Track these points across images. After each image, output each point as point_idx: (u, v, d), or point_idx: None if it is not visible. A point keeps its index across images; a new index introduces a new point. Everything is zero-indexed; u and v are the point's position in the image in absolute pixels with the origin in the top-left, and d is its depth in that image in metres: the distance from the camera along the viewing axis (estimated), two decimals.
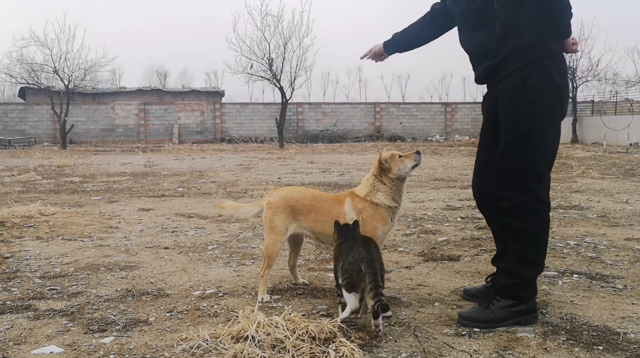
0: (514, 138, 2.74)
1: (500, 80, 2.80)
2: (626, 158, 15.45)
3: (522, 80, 2.69)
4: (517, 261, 2.79)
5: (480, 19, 2.83)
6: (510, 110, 2.77)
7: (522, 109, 2.71)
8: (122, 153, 22.30)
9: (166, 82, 67.39)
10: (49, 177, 11.40)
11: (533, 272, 2.81)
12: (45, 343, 2.61)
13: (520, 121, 2.72)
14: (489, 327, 2.71)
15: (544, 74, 2.69)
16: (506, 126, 2.80)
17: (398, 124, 35.90)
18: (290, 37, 25.13)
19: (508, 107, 2.78)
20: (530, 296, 2.80)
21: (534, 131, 2.71)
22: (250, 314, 2.64)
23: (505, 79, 2.76)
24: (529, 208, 2.75)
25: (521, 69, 2.69)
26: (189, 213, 6.55)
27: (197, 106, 34.34)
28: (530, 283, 2.81)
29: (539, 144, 2.72)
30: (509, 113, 2.78)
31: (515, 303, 2.76)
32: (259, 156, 19.17)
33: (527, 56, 2.68)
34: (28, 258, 4.31)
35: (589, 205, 6.83)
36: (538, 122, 2.71)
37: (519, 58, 2.70)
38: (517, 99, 2.71)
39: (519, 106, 2.72)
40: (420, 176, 11.02)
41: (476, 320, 2.75)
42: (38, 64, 25.91)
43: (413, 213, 6.36)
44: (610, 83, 28.86)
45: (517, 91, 2.71)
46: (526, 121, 2.71)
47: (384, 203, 3.11)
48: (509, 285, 2.79)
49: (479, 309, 2.82)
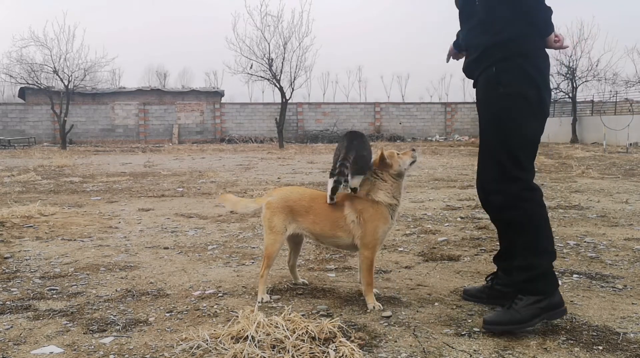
0: (490, 131, 2.82)
1: (478, 75, 2.90)
2: (626, 158, 15.45)
3: (496, 75, 2.75)
4: (528, 252, 2.75)
5: (465, 16, 2.97)
6: (485, 104, 2.87)
7: (495, 102, 2.78)
8: (121, 153, 22.30)
9: (166, 82, 67.45)
10: (48, 177, 11.40)
11: (547, 260, 2.77)
12: (45, 344, 2.61)
13: (494, 114, 2.79)
14: (519, 328, 2.64)
15: (518, 70, 2.73)
16: (482, 120, 2.90)
17: (398, 124, 35.91)
18: (290, 37, 25.15)
19: (483, 101, 2.90)
20: (552, 289, 2.73)
21: (509, 122, 2.74)
22: (250, 314, 2.64)
23: (482, 75, 2.86)
24: (521, 196, 2.75)
25: (495, 65, 2.76)
26: (188, 213, 6.55)
27: (196, 106, 34.35)
28: (547, 274, 2.75)
29: (516, 134, 2.75)
30: (484, 107, 2.89)
31: (539, 298, 2.68)
32: (258, 156, 19.17)
33: (501, 52, 2.74)
34: (28, 258, 4.31)
35: (588, 205, 6.83)
36: (513, 113, 2.74)
37: (494, 54, 2.77)
38: (491, 92, 2.80)
39: (492, 99, 2.80)
40: (420, 176, 11.02)
41: (503, 323, 2.66)
42: (38, 64, 25.92)
43: (413, 213, 6.36)
44: (609, 83, 28.90)
45: (490, 85, 2.79)
46: (500, 113, 2.77)
47: (385, 201, 3.12)
48: (527, 280, 2.72)
49: (502, 311, 2.74)
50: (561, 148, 21.25)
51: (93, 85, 29.81)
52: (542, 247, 2.77)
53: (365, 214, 3.09)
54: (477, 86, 2.96)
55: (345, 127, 34.61)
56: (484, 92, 2.86)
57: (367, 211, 3.10)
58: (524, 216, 2.75)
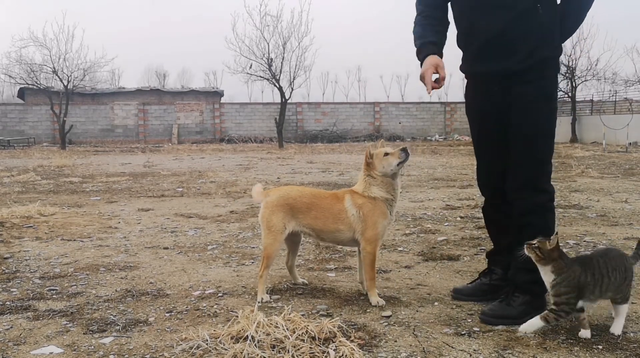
0: (534, 142, 2.87)
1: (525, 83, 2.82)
2: (625, 157, 15.45)
3: (551, 90, 2.91)
4: None
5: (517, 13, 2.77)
6: (533, 116, 2.86)
7: (545, 116, 2.89)
8: (121, 153, 22.29)
9: (165, 82, 67.37)
10: (48, 177, 11.39)
11: None
12: (45, 344, 2.61)
13: (540, 126, 2.87)
14: (513, 323, 2.76)
15: (556, 84, 2.96)
16: (526, 130, 2.86)
17: (397, 123, 35.92)
18: (289, 37, 25.15)
19: (531, 113, 2.85)
20: (544, 291, 2.87)
21: (550, 135, 2.92)
22: (249, 314, 2.64)
23: (527, 85, 2.82)
24: (545, 206, 2.91)
25: (550, 79, 2.90)
26: (188, 213, 6.55)
27: (196, 106, 34.34)
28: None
29: (552, 147, 2.95)
30: (531, 119, 2.86)
31: (533, 298, 2.86)
32: (258, 156, 19.16)
33: (555, 68, 2.94)
34: (27, 259, 4.31)
35: (588, 204, 6.83)
36: (554, 128, 2.95)
37: (551, 68, 2.90)
38: (543, 105, 2.86)
39: (542, 111, 2.87)
40: (419, 175, 11.03)
41: (502, 317, 2.81)
42: (37, 65, 25.93)
43: (412, 213, 6.36)
44: (609, 82, 28.89)
45: (542, 98, 2.86)
46: (547, 125, 2.90)
47: (381, 196, 3.15)
48: (530, 281, 2.85)
49: (500, 305, 2.88)
50: (561, 147, 21.23)
51: (92, 85, 29.84)
52: None
53: (365, 209, 3.14)
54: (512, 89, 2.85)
55: (344, 127, 34.65)
56: (533, 103, 2.83)
57: (366, 206, 3.15)
58: (544, 224, 2.87)
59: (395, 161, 3.14)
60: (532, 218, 2.87)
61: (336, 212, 3.18)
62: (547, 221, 2.90)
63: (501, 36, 2.82)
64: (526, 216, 2.89)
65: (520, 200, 2.90)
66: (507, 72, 2.85)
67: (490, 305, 2.92)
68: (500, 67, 2.86)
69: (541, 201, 2.88)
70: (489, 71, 2.92)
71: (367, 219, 3.13)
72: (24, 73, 26.06)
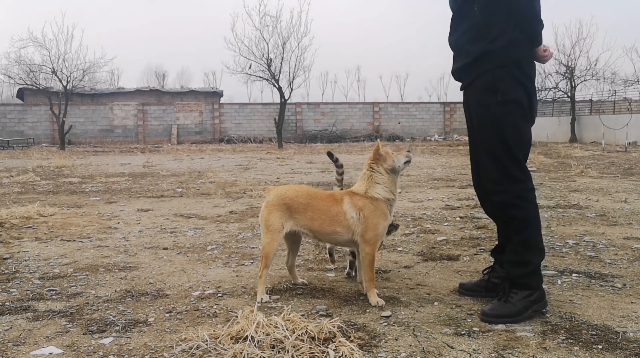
0: (490, 135, 2.92)
1: (473, 80, 2.97)
2: (625, 157, 15.47)
3: (493, 82, 2.87)
4: (524, 249, 2.91)
5: (459, 19, 3.02)
6: (482, 109, 2.94)
7: (494, 109, 2.88)
8: (120, 153, 22.28)
9: (165, 82, 67.35)
10: (47, 178, 11.39)
11: (539, 257, 2.96)
12: (45, 344, 2.61)
13: (494, 119, 2.89)
14: (515, 321, 2.78)
15: (513, 78, 2.87)
16: (481, 124, 2.97)
17: (397, 124, 35.93)
18: (288, 37, 25.17)
19: (479, 106, 2.96)
20: (540, 283, 2.93)
21: (509, 127, 2.89)
22: (249, 314, 2.64)
23: (477, 80, 2.94)
24: (522, 196, 2.90)
25: (492, 72, 2.87)
26: (187, 214, 6.55)
27: (195, 107, 34.33)
28: (538, 269, 2.95)
29: (516, 139, 2.90)
30: (480, 112, 2.96)
31: (531, 292, 2.87)
32: (257, 156, 19.17)
33: (496, 60, 2.86)
34: (27, 259, 4.30)
35: (587, 204, 6.84)
36: (511, 119, 2.89)
37: (490, 61, 2.87)
38: (489, 98, 2.89)
39: (491, 105, 2.88)
40: (419, 175, 11.03)
41: (503, 316, 2.81)
42: (36, 65, 25.92)
43: (412, 213, 6.36)
44: (608, 82, 28.87)
45: (487, 91, 2.89)
46: (500, 118, 2.88)
47: (384, 196, 3.16)
48: (523, 275, 2.89)
49: (499, 304, 2.88)
50: (560, 147, 21.25)
51: (92, 86, 29.79)
52: (536, 245, 2.95)
53: (366, 211, 3.13)
54: (469, 89, 3.05)
55: (344, 127, 34.66)
56: (480, 97, 2.94)
57: (368, 207, 3.14)
58: (525, 215, 2.90)
59: (403, 159, 3.23)
60: (512, 211, 2.90)
61: (333, 214, 3.16)
62: (527, 210, 2.90)
63: (454, 42, 3.08)
64: (505, 210, 2.92)
65: (495, 194, 2.93)
66: (456, 73, 3.08)
67: (490, 305, 2.93)
68: (453, 69, 3.10)
69: (516, 191, 2.88)
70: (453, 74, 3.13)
71: (367, 221, 3.11)
72: (23, 73, 26.07)
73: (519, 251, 2.91)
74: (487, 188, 3.01)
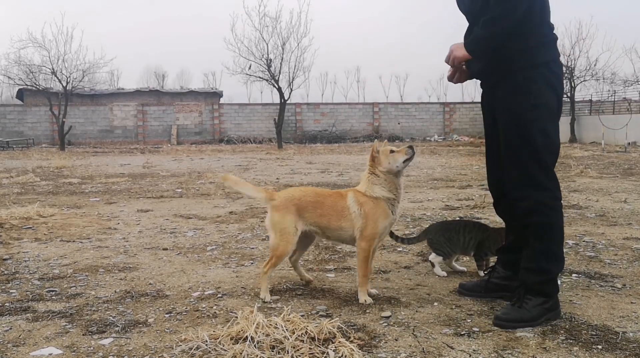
0: (517, 138, 2.80)
1: (499, 79, 2.85)
2: (624, 157, 15.47)
3: (525, 84, 2.75)
4: (545, 258, 2.82)
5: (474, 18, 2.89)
6: (510, 111, 2.82)
7: (525, 111, 2.76)
8: (120, 154, 22.28)
9: (164, 83, 67.35)
10: (47, 178, 11.38)
11: (559, 267, 2.90)
12: (44, 345, 2.60)
13: (523, 123, 2.77)
14: (529, 326, 2.73)
15: (544, 79, 2.76)
16: (507, 127, 2.85)
17: (396, 124, 35.92)
18: (288, 37, 25.17)
19: (507, 108, 2.83)
20: (556, 291, 2.87)
21: (539, 131, 2.77)
22: (249, 315, 2.64)
23: (505, 80, 2.82)
24: (550, 205, 2.82)
25: (522, 72, 2.76)
26: (187, 214, 6.55)
27: (195, 107, 34.33)
28: (555, 278, 2.88)
29: (544, 143, 2.79)
30: (509, 114, 2.83)
31: (546, 300, 2.80)
32: (257, 156, 19.17)
33: (527, 60, 2.75)
34: (27, 260, 4.30)
35: (587, 204, 6.84)
36: (542, 123, 2.78)
37: (519, 61, 2.76)
38: (519, 100, 2.77)
39: (521, 107, 2.77)
40: (419, 176, 11.03)
41: (517, 320, 2.75)
42: (36, 66, 25.93)
43: (412, 213, 6.36)
44: (608, 82, 28.93)
45: (518, 93, 2.77)
46: (530, 122, 2.76)
47: (382, 196, 3.17)
48: (540, 283, 2.82)
49: (513, 309, 2.81)
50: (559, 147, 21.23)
51: (91, 86, 29.83)
52: (557, 254, 2.86)
53: (366, 208, 3.16)
54: (492, 89, 2.92)
55: (343, 128, 34.65)
56: (510, 98, 2.81)
57: (368, 204, 3.17)
58: (548, 223, 2.82)
59: (402, 158, 3.16)
60: (536, 218, 2.81)
61: (340, 209, 3.22)
62: (552, 220, 2.82)
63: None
64: (529, 216, 2.83)
65: (520, 200, 2.85)
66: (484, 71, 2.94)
67: (503, 309, 2.88)
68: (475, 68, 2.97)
69: (542, 199, 2.80)
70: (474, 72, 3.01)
71: (368, 217, 3.14)
72: (23, 74, 26.08)
73: (539, 259, 2.82)
74: (512, 194, 2.91)
